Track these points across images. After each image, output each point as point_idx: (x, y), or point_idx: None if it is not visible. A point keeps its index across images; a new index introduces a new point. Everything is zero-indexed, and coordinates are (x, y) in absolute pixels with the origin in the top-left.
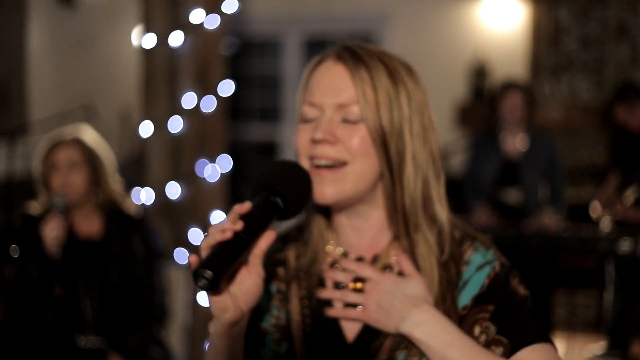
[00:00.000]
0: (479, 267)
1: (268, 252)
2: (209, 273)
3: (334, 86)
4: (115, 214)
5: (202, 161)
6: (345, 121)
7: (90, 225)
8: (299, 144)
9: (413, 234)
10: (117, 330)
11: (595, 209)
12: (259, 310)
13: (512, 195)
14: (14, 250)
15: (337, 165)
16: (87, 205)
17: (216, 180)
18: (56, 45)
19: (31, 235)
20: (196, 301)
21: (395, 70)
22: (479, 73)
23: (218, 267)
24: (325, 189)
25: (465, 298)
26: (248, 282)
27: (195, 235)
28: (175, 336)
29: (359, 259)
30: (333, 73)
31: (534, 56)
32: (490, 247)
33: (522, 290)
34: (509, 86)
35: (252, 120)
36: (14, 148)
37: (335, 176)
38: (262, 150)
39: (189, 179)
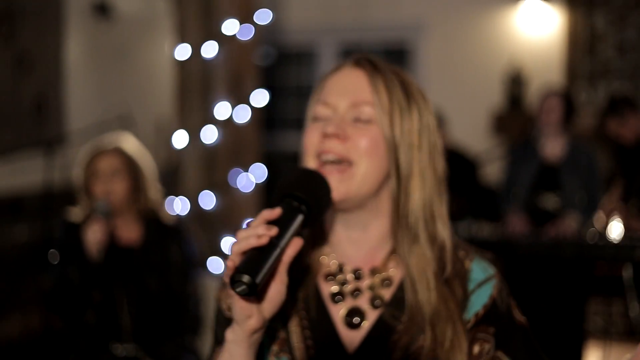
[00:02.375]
0: (481, 282)
1: None
2: (248, 278)
3: (350, 87)
4: (154, 223)
5: (236, 171)
6: (357, 120)
7: (130, 232)
8: (308, 142)
9: (411, 244)
10: (152, 338)
11: (600, 218)
12: None
13: (550, 201)
14: (53, 256)
15: (343, 162)
16: (127, 213)
17: (250, 190)
18: (93, 57)
19: (72, 242)
20: None
21: (410, 87)
22: (515, 81)
23: (257, 272)
24: (332, 189)
25: (468, 313)
26: (273, 289)
27: (229, 245)
28: (208, 344)
29: (356, 271)
30: (350, 76)
31: (570, 63)
32: (484, 258)
33: (520, 317)
34: (549, 92)
35: (288, 129)
36: (52, 158)
37: (342, 176)
38: (298, 159)
39: (223, 188)
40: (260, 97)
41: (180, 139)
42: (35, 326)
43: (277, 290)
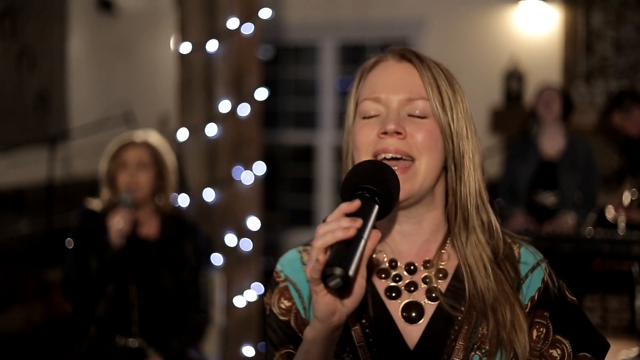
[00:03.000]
0: (533, 267)
1: (305, 263)
2: (341, 271)
3: (400, 82)
4: (172, 219)
5: (237, 168)
6: (412, 115)
7: (149, 226)
8: (362, 140)
9: (469, 233)
10: (159, 333)
11: (609, 211)
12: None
13: (549, 197)
14: (69, 242)
15: (405, 158)
16: (148, 207)
17: (251, 183)
18: (96, 52)
19: (91, 229)
20: (231, 304)
21: (452, 78)
22: (514, 78)
23: (349, 265)
24: None
25: (524, 298)
26: (356, 282)
27: (230, 240)
28: (210, 339)
29: (410, 266)
30: (398, 70)
31: (568, 61)
32: (532, 245)
33: (572, 297)
34: (545, 86)
35: (288, 125)
36: (54, 153)
37: (406, 175)
38: (298, 154)
39: (225, 183)
40: (261, 93)
41: (182, 135)
42: (38, 319)
43: (359, 284)
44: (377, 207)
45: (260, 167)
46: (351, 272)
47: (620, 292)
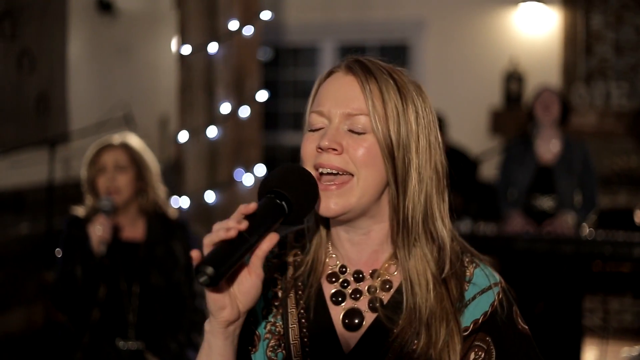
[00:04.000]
0: (483, 290)
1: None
2: (210, 270)
3: (343, 96)
4: (158, 219)
5: (238, 171)
6: (352, 131)
7: (134, 228)
8: (305, 153)
9: (411, 247)
10: (156, 334)
11: (638, 215)
12: (254, 314)
13: (547, 202)
14: (58, 252)
15: (341, 174)
16: (131, 209)
17: (251, 185)
18: (96, 54)
19: (76, 237)
20: None
21: (405, 87)
22: (513, 79)
23: (220, 265)
24: (331, 203)
25: (467, 319)
26: (247, 282)
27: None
28: None
29: (358, 273)
30: (343, 83)
31: (568, 63)
32: (491, 267)
33: (523, 326)
34: (543, 88)
35: (287, 126)
36: (54, 155)
37: (341, 190)
38: (297, 156)
39: (225, 185)
40: (261, 94)
41: (183, 136)
42: (38, 320)
43: (252, 284)
44: (281, 211)
45: (260, 169)
46: (220, 272)
47: (621, 294)
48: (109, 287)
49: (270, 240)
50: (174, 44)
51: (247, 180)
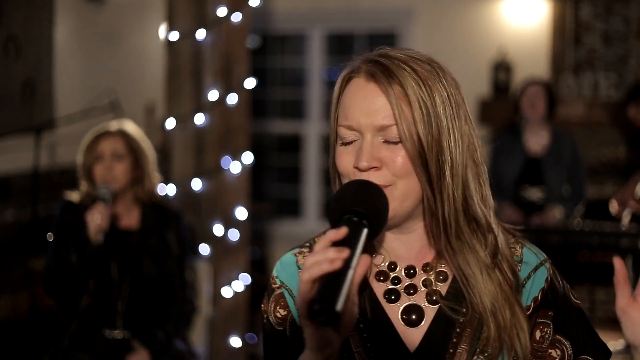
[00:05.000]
0: (536, 267)
1: (301, 267)
2: (328, 307)
3: (369, 107)
4: (153, 208)
5: (225, 159)
6: (387, 142)
7: (129, 216)
8: (342, 169)
9: (455, 242)
10: (145, 323)
11: (613, 206)
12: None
13: (535, 193)
14: (49, 236)
15: (384, 185)
16: (127, 197)
17: (238, 172)
18: (83, 40)
19: (70, 222)
20: (218, 295)
21: (428, 78)
22: (501, 69)
23: (336, 300)
24: None
25: (525, 299)
26: (346, 311)
27: (218, 230)
28: (196, 329)
29: (409, 269)
30: (367, 92)
31: (557, 53)
32: (533, 245)
33: (576, 300)
34: (530, 82)
35: (275, 114)
36: (40, 142)
37: None
38: (285, 144)
39: (212, 173)
40: (249, 82)
41: (170, 124)
42: (23, 308)
43: (349, 312)
44: (366, 230)
45: (248, 157)
46: (338, 308)
47: (607, 284)
48: (100, 275)
49: (364, 264)
50: (161, 30)
51: (235, 168)
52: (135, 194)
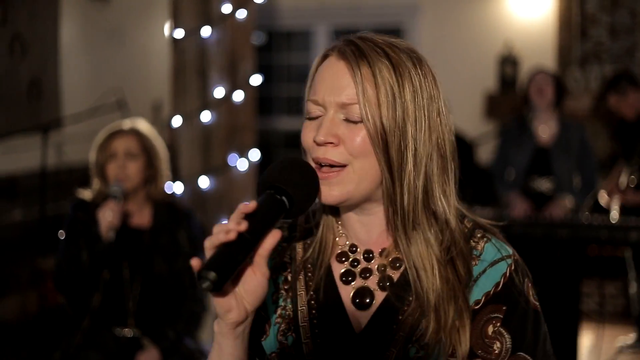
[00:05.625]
0: (494, 262)
1: None
2: (212, 275)
3: (335, 84)
4: (165, 206)
5: (232, 155)
6: (348, 120)
7: (141, 215)
8: (304, 143)
9: (411, 232)
10: (155, 322)
11: (602, 197)
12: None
13: (544, 183)
14: (61, 234)
15: (340, 165)
16: (139, 196)
17: (245, 169)
18: (88, 39)
19: (82, 220)
20: None
21: (401, 65)
22: (508, 63)
23: (222, 269)
24: (331, 191)
25: (477, 293)
26: (253, 282)
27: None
28: (207, 328)
29: (367, 253)
30: (335, 70)
31: (563, 46)
32: (505, 241)
33: (534, 301)
34: (538, 70)
35: (281, 111)
36: (47, 141)
37: (339, 178)
38: (291, 140)
39: (219, 170)
40: (255, 78)
41: (176, 121)
42: (32, 307)
43: (257, 283)
44: (282, 207)
45: (255, 154)
46: (221, 277)
47: (617, 278)
48: (112, 273)
49: (273, 238)
50: (166, 28)
51: (241, 165)
52: (148, 193)
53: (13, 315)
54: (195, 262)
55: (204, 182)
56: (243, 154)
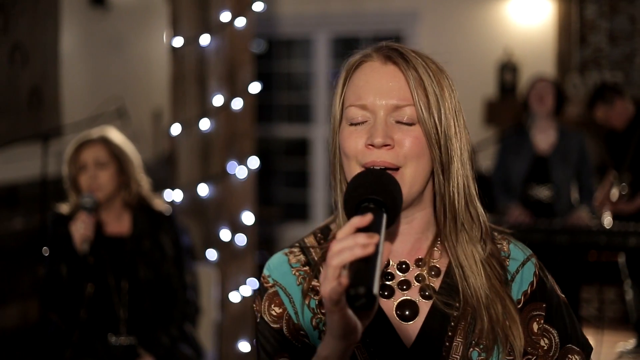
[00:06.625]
0: (523, 262)
1: (294, 266)
2: (365, 290)
3: (387, 87)
4: (144, 212)
5: (231, 163)
6: (399, 123)
7: (119, 223)
8: (351, 149)
9: (458, 232)
10: (148, 328)
11: (595, 205)
12: (303, 330)
13: (543, 191)
14: (45, 250)
15: (391, 169)
16: (116, 204)
17: (244, 177)
18: (88, 47)
19: (61, 235)
20: (226, 299)
21: (438, 72)
22: (507, 70)
23: (372, 283)
24: None
25: (516, 292)
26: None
27: (225, 235)
28: (205, 334)
29: (402, 265)
30: (384, 73)
31: (562, 53)
32: (520, 242)
33: (561, 294)
34: (538, 78)
35: (281, 119)
36: (48, 150)
37: None
38: (292, 148)
39: (219, 178)
40: (254, 87)
41: (176, 129)
42: (34, 315)
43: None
44: (385, 217)
45: (254, 162)
46: (375, 290)
47: (616, 284)
48: (97, 284)
49: (387, 251)
50: (166, 36)
51: (241, 172)
52: (124, 200)
53: (14, 324)
54: (344, 281)
55: (203, 189)
56: (242, 161)
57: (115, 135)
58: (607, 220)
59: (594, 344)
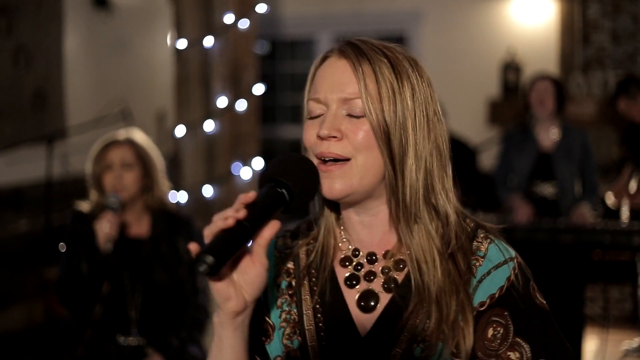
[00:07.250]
0: (498, 264)
1: (278, 248)
2: (210, 258)
3: (337, 81)
4: (163, 215)
5: (236, 164)
6: (350, 116)
7: (139, 225)
8: (307, 141)
9: (412, 225)
10: (159, 330)
11: (609, 198)
12: (266, 305)
13: (547, 188)
14: (62, 247)
15: (343, 159)
16: (137, 205)
17: (249, 178)
18: (92, 50)
19: (81, 232)
20: None
21: (399, 64)
22: (511, 69)
23: (219, 253)
24: (334, 184)
25: (482, 295)
26: (252, 272)
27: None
28: (211, 336)
29: (371, 255)
30: (336, 68)
31: (565, 52)
32: (507, 243)
33: (541, 301)
34: (538, 77)
35: (285, 119)
36: (52, 151)
37: (342, 171)
38: (296, 149)
39: (223, 179)
40: (257, 88)
41: (180, 131)
42: (38, 317)
43: (257, 273)
44: (282, 199)
45: (258, 163)
46: (218, 260)
47: (621, 282)
48: (113, 283)
49: (271, 228)
50: (169, 38)
51: (245, 174)
52: (145, 203)
53: (19, 325)
54: (193, 247)
55: (207, 191)
56: (246, 162)
57: (141, 138)
58: (625, 214)
59: (599, 343)
